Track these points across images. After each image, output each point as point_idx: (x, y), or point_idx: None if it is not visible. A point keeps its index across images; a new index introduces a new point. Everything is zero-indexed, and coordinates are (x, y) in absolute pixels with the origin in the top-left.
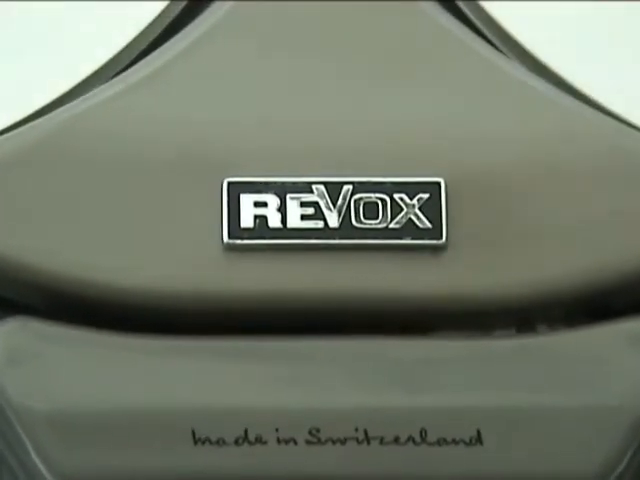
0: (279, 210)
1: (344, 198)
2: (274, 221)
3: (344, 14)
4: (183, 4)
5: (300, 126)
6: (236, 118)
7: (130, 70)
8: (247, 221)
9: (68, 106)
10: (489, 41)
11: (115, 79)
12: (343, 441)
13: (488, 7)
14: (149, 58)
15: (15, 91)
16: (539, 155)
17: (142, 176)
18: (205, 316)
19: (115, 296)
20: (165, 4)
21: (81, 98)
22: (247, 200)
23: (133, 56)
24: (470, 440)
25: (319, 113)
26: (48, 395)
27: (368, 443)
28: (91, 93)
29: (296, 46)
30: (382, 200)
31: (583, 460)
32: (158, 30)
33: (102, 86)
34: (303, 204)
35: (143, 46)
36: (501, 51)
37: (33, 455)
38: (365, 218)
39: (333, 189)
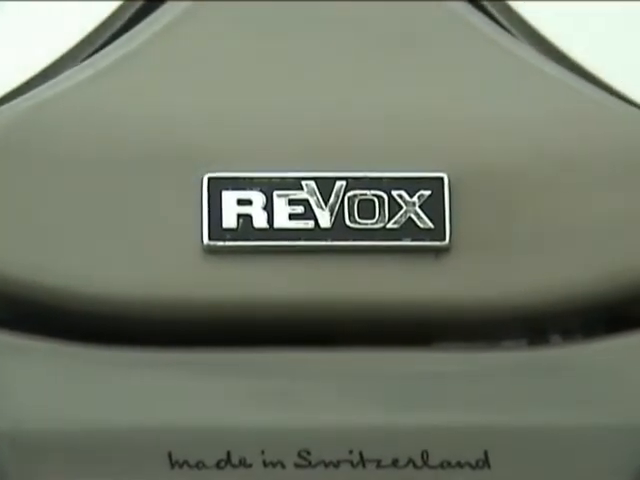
0: (265, 209)
1: (337, 195)
2: (259, 221)
3: (325, 9)
4: (139, 4)
5: (288, 117)
6: (216, 109)
7: (91, 60)
8: (230, 221)
9: (26, 96)
10: (509, 33)
11: (75, 68)
12: (336, 464)
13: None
14: (111, 47)
15: None
16: (553, 149)
17: (113, 172)
18: (183, 326)
19: (84, 304)
20: (118, 4)
21: (42, 86)
22: (229, 197)
23: (86, 53)
24: (476, 463)
25: (309, 103)
26: (10, 414)
27: (364, 466)
28: (52, 81)
29: (285, 29)
30: (379, 197)
31: None
32: (114, 27)
33: (61, 75)
34: (292, 202)
35: (98, 42)
36: (520, 41)
37: None
38: (360, 217)
39: (325, 185)
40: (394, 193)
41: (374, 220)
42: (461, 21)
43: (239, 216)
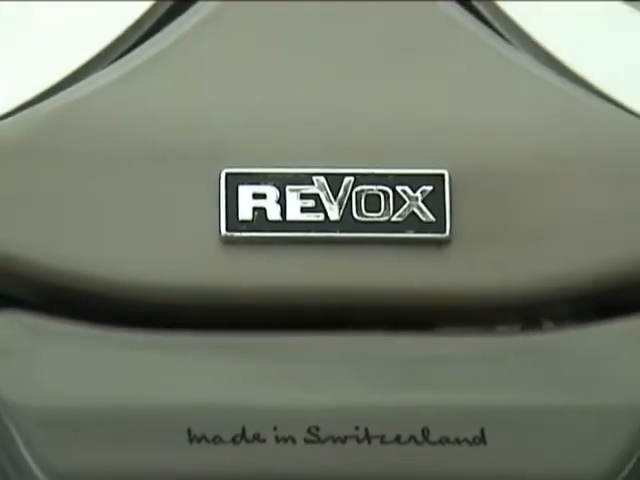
0: (278, 202)
1: (345, 190)
2: (273, 213)
3: (337, 10)
4: (169, 4)
5: (300, 116)
6: (234, 108)
7: (120, 61)
8: (245, 213)
9: (60, 95)
10: (499, 34)
11: (105, 69)
12: (343, 440)
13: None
14: (140, 49)
15: (7, 80)
16: (547, 147)
17: (137, 167)
18: (201, 311)
19: (109, 290)
20: (151, 3)
21: (73, 87)
22: (245, 192)
23: (117, 54)
24: (473, 439)
25: (320, 104)
26: (40, 391)
27: (369, 442)
28: (83, 82)
29: (297, 36)
30: (384, 192)
31: (589, 462)
32: (144, 27)
33: (91, 76)
34: (303, 196)
35: (129, 43)
36: (512, 44)
37: (24, 453)
38: (367, 211)
39: (334, 181)
40: (398, 188)
41: (380, 213)
42: (456, 25)
43: (254, 209)
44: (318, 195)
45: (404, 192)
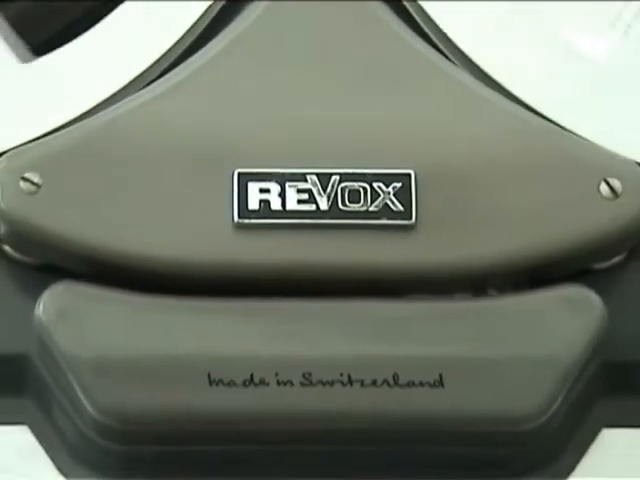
0: (280, 195)
1: (333, 186)
2: (275, 204)
3: (338, 26)
4: (221, 4)
5: (298, 126)
6: (246, 120)
7: (164, 77)
8: (253, 204)
9: (109, 110)
10: (433, 43)
11: (153, 84)
12: (331, 383)
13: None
14: (181, 67)
15: (65, 93)
16: (489, 152)
17: (168, 167)
18: (218, 281)
19: (145, 264)
20: (207, 4)
21: (120, 103)
22: (254, 187)
23: (171, 61)
24: (434, 383)
25: (314, 115)
26: (90, 345)
27: (351, 385)
28: (128, 98)
29: (291, 60)
30: (363, 188)
31: (523, 402)
32: (196, 33)
33: (141, 91)
34: (299, 191)
35: (181, 51)
36: (443, 52)
37: (79, 393)
38: (349, 202)
39: (324, 178)
40: (374, 185)
41: (360, 204)
42: (415, 51)
43: (260, 201)
44: (311, 190)
45: (379, 187)
